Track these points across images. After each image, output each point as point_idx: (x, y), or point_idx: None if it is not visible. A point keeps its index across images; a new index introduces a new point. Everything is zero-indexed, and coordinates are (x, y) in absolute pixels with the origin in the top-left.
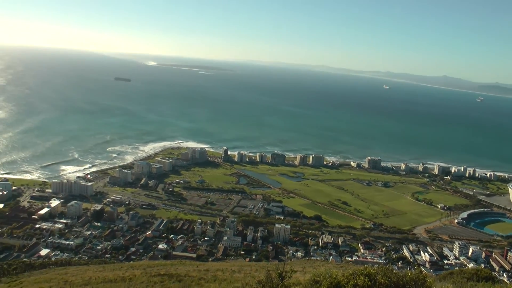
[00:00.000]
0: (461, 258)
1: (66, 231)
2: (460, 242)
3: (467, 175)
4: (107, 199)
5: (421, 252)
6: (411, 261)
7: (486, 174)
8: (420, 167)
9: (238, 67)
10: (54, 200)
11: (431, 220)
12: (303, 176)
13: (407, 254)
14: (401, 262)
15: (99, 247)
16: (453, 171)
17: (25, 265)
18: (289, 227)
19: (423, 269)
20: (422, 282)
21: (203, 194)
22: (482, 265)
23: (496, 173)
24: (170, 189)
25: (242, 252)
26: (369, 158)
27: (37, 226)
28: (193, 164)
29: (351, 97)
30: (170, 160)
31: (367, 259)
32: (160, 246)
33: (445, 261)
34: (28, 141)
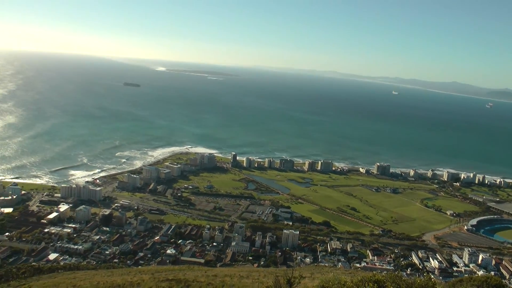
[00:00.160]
0: (470, 265)
1: (75, 235)
2: (469, 249)
3: (476, 181)
4: (115, 204)
5: (430, 259)
6: (420, 268)
7: (495, 181)
8: (429, 173)
9: (247, 73)
10: (63, 204)
11: (440, 226)
12: (311, 182)
13: (416, 260)
14: (410, 269)
15: (107, 252)
16: (462, 177)
17: (33, 269)
18: (298, 233)
19: (432, 276)
20: None
21: (211, 200)
22: (492, 273)
23: (506, 180)
24: (179, 194)
25: (251, 258)
26: (378, 164)
27: (46, 230)
28: (202, 170)
29: (360, 103)
30: (179, 165)
31: (375, 265)
32: (168, 251)
33: (455, 268)
34: (37, 146)
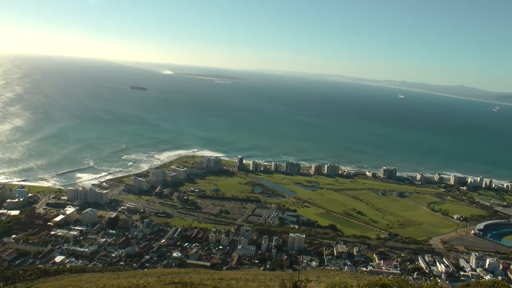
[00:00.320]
0: (477, 270)
1: (81, 238)
2: (476, 253)
3: (483, 185)
4: (122, 207)
5: (437, 263)
6: (427, 272)
7: (503, 185)
8: (436, 177)
9: (253, 76)
10: (70, 207)
11: (447, 230)
12: (318, 186)
13: (422, 265)
14: (416, 273)
15: (113, 255)
16: (469, 181)
17: (40, 271)
18: (304, 236)
19: (439, 280)
20: None
21: (217, 203)
22: (500, 277)
23: None
24: (185, 197)
25: (257, 261)
26: (384, 167)
27: (52, 233)
28: (208, 173)
29: (366, 106)
30: (185, 169)
31: (382, 269)
32: (175, 254)
33: (462, 273)
34: (44, 148)
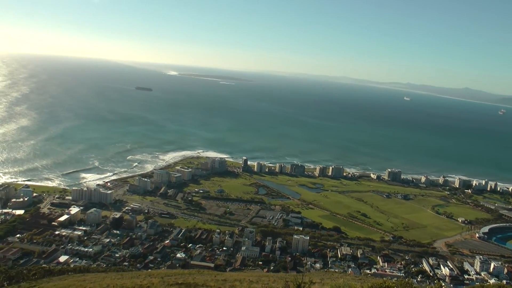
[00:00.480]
0: (482, 274)
1: (85, 238)
2: (481, 257)
3: (488, 188)
4: (126, 207)
5: (441, 266)
6: (431, 275)
7: (508, 188)
8: (441, 180)
9: (258, 78)
10: (74, 207)
11: (451, 234)
12: (322, 187)
13: (427, 267)
14: (420, 276)
15: (117, 255)
16: (474, 184)
17: (44, 271)
18: (308, 238)
19: (443, 283)
20: None
21: (222, 204)
22: (504, 281)
23: None
24: (189, 198)
25: (260, 263)
26: (389, 170)
27: (56, 232)
28: (213, 174)
29: (372, 108)
30: (190, 170)
31: (386, 272)
32: (178, 255)
33: (466, 276)
34: (49, 148)
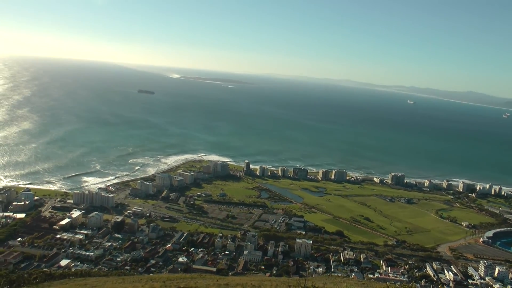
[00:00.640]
0: (486, 278)
1: (87, 242)
2: (485, 261)
3: (492, 192)
4: (128, 211)
5: (445, 270)
6: (435, 279)
7: None
8: (444, 184)
9: (261, 81)
10: (75, 211)
11: (455, 238)
12: (325, 191)
13: (430, 272)
14: (424, 281)
15: (119, 259)
16: (478, 188)
17: (45, 275)
18: (311, 242)
19: None
20: None
21: (224, 208)
22: (509, 286)
23: None
24: (191, 202)
25: (263, 267)
26: (393, 174)
27: (58, 236)
28: (215, 177)
29: (375, 112)
30: (192, 173)
31: (389, 276)
32: (180, 259)
33: (470, 281)
34: (51, 152)
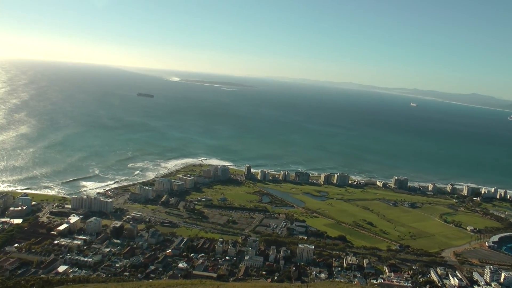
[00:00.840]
0: (492, 284)
1: (85, 247)
2: (491, 266)
3: (498, 196)
4: (127, 216)
5: (450, 276)
6: (439, 285)
7: None
8: (449, 187)
9: (262, 84)
10: (74, 216)
11: (460, 243)
12: (327, 195)
13: (435, 278)
14: (428, 286)
15: (117, 265)
16: (483, 192)
17: (42, 281)
18: (313, 247)
19: None
20: None
21: (224, 213)
22: None
23: None
24: (191, 206)
25: (264, 273)
26: (396, 177)
27: (55, 242)
28: (215, 182)
29: (378, 115)
30: (192, 177)
31: (393, 282)
32: (180, 265)
33: (475, 287)
34: (49, 156)
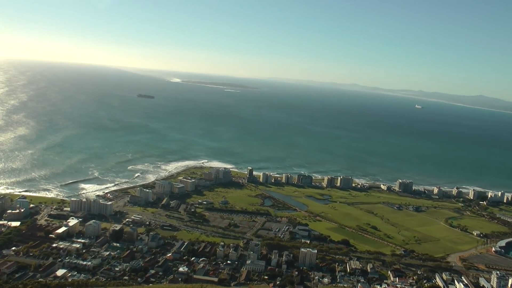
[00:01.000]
0: None
1: (84, 251)
2: (498, 272)
3: (505, 200)
4: (126, 219)
5: (456, 281)
6: None
7: None
8: (454, 191)
9: (265, 85)
10: (72, 219)
11: (466, 247)
12: (330, 199)
13: (440, 283)
14: None
15: (117, 269)
16: (489, 196)
17: (41, 285)
18: (316, 251)
19: None
20: None
21: (226, 216)
22: None
23: None
24: (192, 209)
25: (266, 277)
26: (400, 181)
27: (54, 245)
28: (217, 185)
29: (382, 117)
30: (193, 180)
31: (397, 287)
32: (181, 269)
33: None
34: (48, 158)
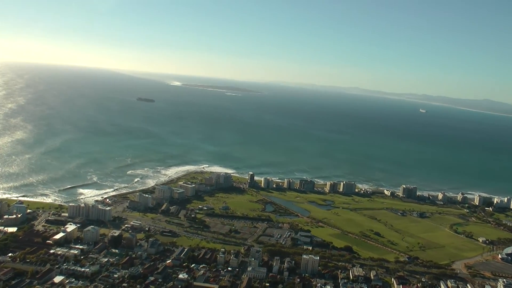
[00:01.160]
0: None
1: (82, 257)
2: (504, 280)
3: (511, 206)
4: (125, 225)
5: None
6: None
7: None
8: (459, 197)
9: (267, 89)
10: (70, 224)
11: (471, 254)
12: (333, 204)
13: None
14: None
15: (116, 276)
16: (495, 202)
17: None
18: (318, 258)
19: None
20: None
21: (227, 222)
22: None
23: None
24: (193, 215)
25: (267, 284)
26: (404, 186)
27: (51, 251)
28: (217, 190)
29: (386, 121)
30: (193, 185)
31: None
32: (181, 276)
33: None
34: (46, 163)
